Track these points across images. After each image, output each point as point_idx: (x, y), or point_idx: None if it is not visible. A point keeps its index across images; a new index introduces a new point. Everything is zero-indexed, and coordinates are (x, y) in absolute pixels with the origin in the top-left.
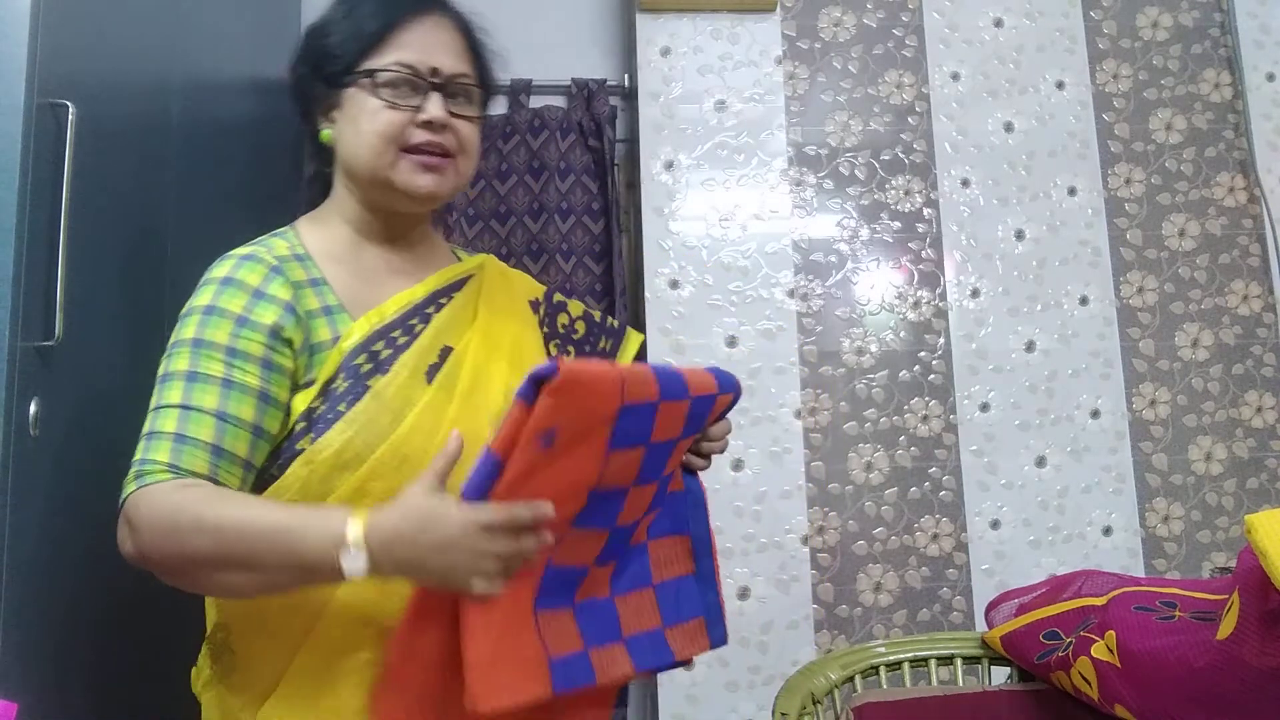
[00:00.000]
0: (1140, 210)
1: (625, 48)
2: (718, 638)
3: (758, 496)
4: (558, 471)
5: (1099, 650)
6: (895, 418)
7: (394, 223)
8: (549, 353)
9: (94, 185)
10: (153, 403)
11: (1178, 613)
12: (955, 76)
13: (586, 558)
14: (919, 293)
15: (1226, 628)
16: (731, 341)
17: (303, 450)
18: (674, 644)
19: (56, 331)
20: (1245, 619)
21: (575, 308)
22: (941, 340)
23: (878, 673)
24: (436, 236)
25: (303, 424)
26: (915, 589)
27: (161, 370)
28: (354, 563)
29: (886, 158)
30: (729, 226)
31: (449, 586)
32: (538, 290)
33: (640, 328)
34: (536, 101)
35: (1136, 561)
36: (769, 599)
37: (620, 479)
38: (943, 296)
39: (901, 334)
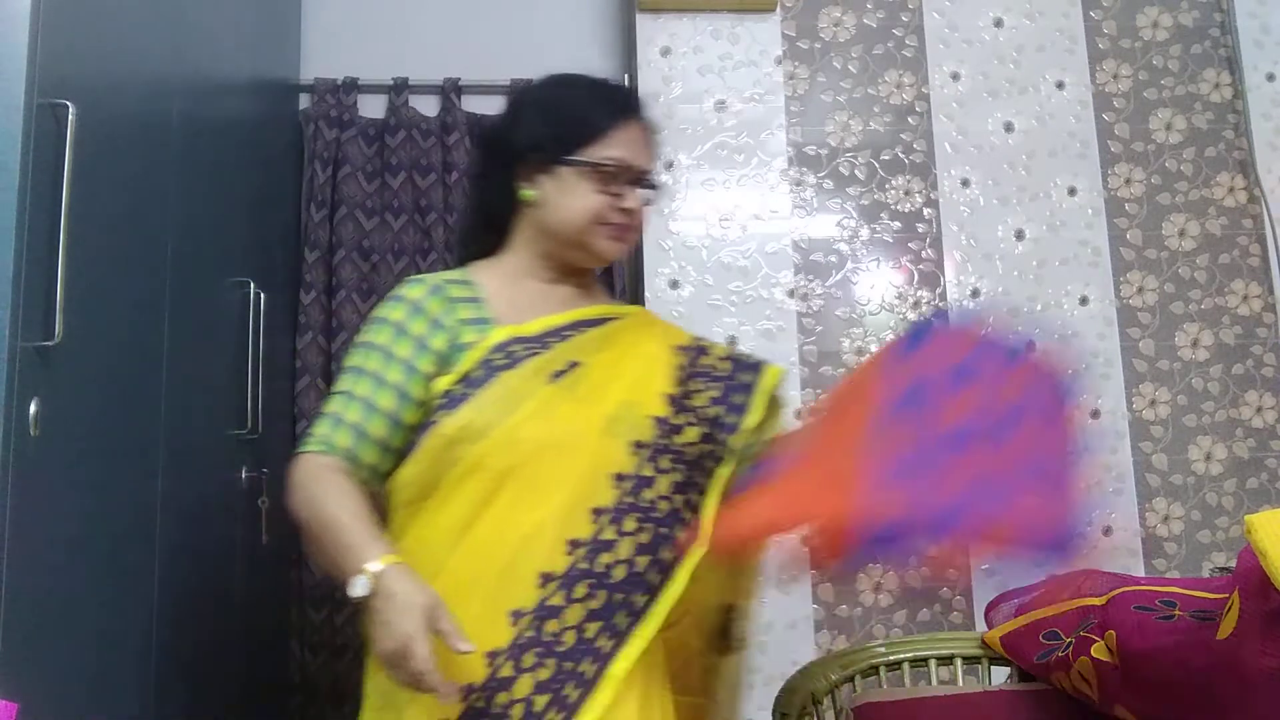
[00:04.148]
0: (1140, 210)
1: (625, 48)
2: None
3: None
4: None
5: (1099, 650)
6: None
7: (562, 270)
8: (684, 388)
9: (94, 185)
10: (333, 388)
11: (1177, 612)
12: (955, 76)
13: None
14: (919, 293)
15: (1226, 628)
16: (731, 342)
17: (437, 423)
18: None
19: (56, 331)
20: (1245, 619)
21: (718, 350)
22: None
23: (878, 673)
24: (599, 287)
25: (442, 401)
26: (915, 589)
27: (344, 363)
28: (357, 588)
29: (886, 158)
30: (729, 226)
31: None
32: (684, 338)
33: None
34: None
35: (1136, 561)
36: (769, 599)
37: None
38: (943, 296)
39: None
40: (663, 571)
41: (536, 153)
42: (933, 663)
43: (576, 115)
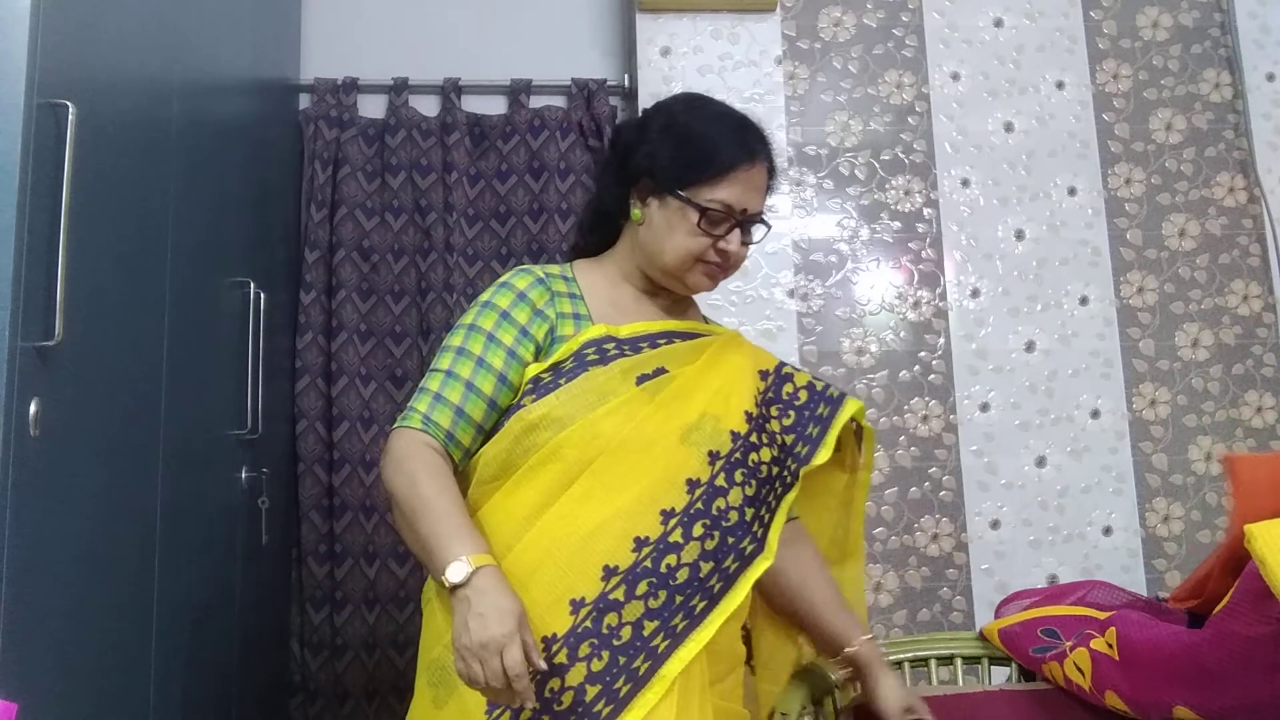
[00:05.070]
0: (1140, 210)
1: (625, 48)
2: None
3: None
4: None
5: (1098, 644)
6: (895, 418)
7: (657, 283)
8: (764, 413)
9: (94, 185)
10: (431, 364)
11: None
12: (955, 76)
13: None
14: (919, 293)
15: (1220, 607)
16: None
17: (522, 407)
18: None
19: (56, 331)
20: (1240, 595)
21: (801, 379)
22: (941, 340)
23: None
24: (694, 304)
25: (529, 387)
26: (915, 589)
27: (444, 342)
28: (455, 573)
29: (886, 158)
30: None
31: (457, 651)
32: (770, 363)
33: None
34: (536, 102)
35: (1136, 562)
36: None
37: None
38: (943, 296)
39: (901, 334)
40: (725, 580)
41: (649, 177)
42: (933, 663)
43: (696, 152)
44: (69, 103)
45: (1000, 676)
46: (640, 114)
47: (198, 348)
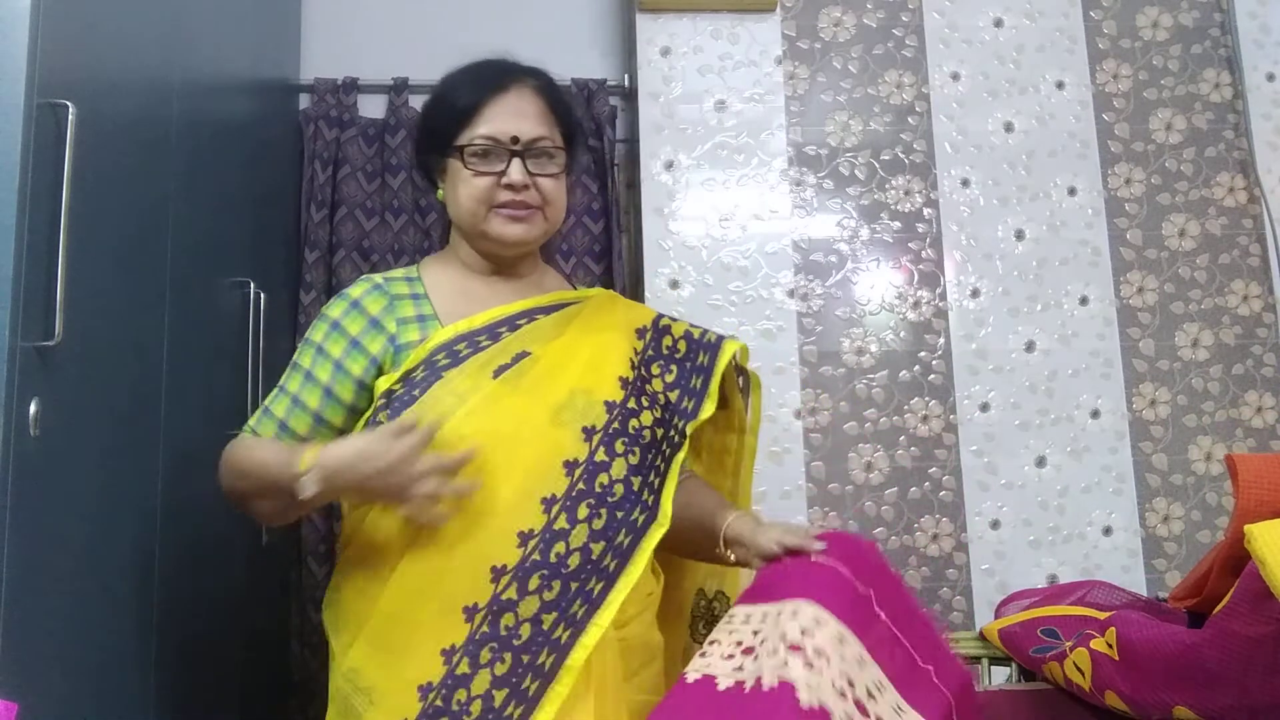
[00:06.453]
0: (1140, 210)
1: (625, 48)
2: None
3: (758, 497)
4: None
5: (1098, 644)
6: (895, 418)
7: (497, 261)
8: (643, 374)
9: (94, 185)
10: None
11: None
12: (955, 76)
13: None
14: (919, 293)
15: (1220, 607)
16: None
17: (379, 425)
18: None
19: (56, 331)
20: (1240, 595)
21: (678, 328)
22: (941, 340)
23: None
24: (551, 272)
25: (383, 402)
26: (915, 589)
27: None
28: (308, 488)
29: (886, 158)
30: (729, 226)
31: (387, 499)
32: (647, 318)
33: None
34: None
35: (1136, 562)
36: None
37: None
38: (943, 296)
39: (901, 334)
40: (620, 556)
41: (426, 154)
42: None
43: (443, 105)
44: (69, 103)
45: (1000, 676)
46: None
47: (198, 348)
